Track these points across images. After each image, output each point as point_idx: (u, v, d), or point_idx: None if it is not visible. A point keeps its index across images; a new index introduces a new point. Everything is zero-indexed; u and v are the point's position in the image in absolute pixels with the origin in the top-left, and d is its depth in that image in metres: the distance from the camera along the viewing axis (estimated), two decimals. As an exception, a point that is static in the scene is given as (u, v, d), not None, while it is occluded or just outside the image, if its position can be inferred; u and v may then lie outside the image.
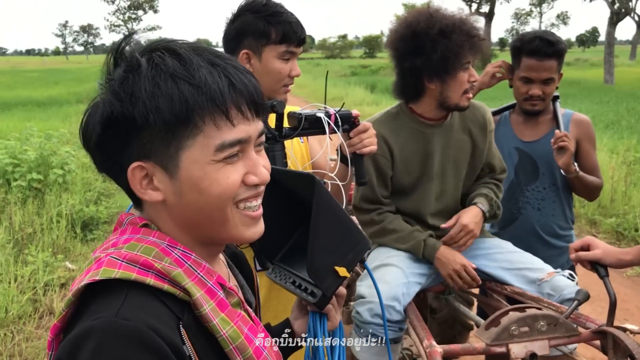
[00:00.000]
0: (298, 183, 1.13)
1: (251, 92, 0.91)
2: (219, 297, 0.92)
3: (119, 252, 0.88)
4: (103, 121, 0.88)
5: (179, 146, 0.87)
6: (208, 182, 0.89)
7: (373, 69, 39.60)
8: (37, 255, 4.76)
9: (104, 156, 0.92)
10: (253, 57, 1.84)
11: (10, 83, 28.25)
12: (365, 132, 1.73)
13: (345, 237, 1.07)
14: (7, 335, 3.85)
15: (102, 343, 0.78)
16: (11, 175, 6.22)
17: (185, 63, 0.88)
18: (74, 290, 0.84)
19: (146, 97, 0.85)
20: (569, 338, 1.70)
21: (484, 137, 2.31)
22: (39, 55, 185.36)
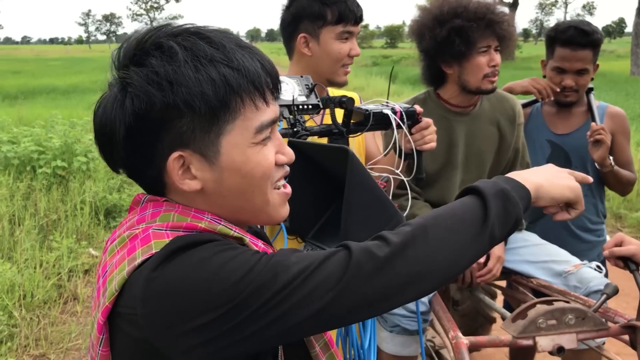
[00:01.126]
0: (332, 157, 1.13)
1: (275, 73, 0.94)
2: (260, 246, 0.94)
3: (158, 224, 0.88)
4: (138, 113, 0.86)
5: (219, 132, 0.87)
6: (251, 166, 0.90)
7: (394, 59, 39.34)
8: (62, 242, 4.83)
9: (130, 151, 0.90)
10: (311, 40, 1.84)
11: (34, 71, 28.61)
12: (426, 129, 1.73)
13: (379, 211, 1.06)
14: (33, 319, 3.92)
15: (181, 256, 0.81)
16: (36, 162, 6.30)
17: (218, 47, 0.88)
18: (129, 269, 0.83)
19: (190, 83, 0.84)
20: (597, 332, 1.67)
21: (512, 130, 2.28)
22: (62, 43, 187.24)
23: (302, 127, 1.49)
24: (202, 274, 0.79)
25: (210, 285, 0.78)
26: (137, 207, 0.96)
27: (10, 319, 3.80)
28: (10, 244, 4.80)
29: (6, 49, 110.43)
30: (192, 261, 0.80)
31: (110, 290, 0.83)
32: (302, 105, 1.50)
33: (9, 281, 4.05)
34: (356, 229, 1.04)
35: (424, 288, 0.88)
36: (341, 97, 1.56)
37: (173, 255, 0.80)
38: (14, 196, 5.65)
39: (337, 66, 1.87)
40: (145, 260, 0.82)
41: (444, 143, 2.22)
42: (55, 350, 3.67)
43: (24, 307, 3.97)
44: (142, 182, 0.96)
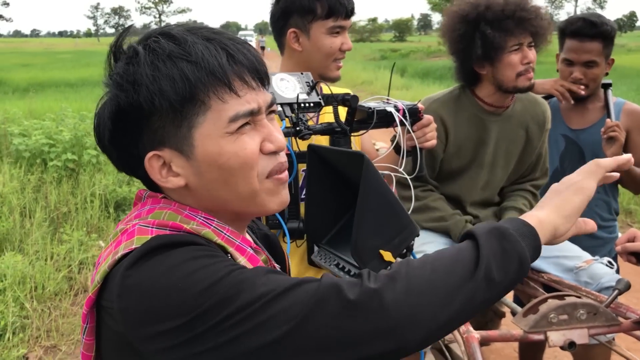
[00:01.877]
0: (347, 162, 1.11)
1: (252, 62, 0.91)
2: (248, 253, 0.94)
3: (147, 221, 0.89)
4: (112, 116, 0.90)
5: (190, 125, 0.88)
6: (226, 157, 0.89)
7: (403, 53, 39.24)
8: (72, 234, 4.86)
9: (119, 151, 0.94)
10: (301, 35, 1.81)
11: (44, 64, 28.71)
12: (428, 126, 1.71)
13: (392, 220, 1.04)
14: (45, 311, 3.95)
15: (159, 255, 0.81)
16: (47, 155, 6.34)
17: (180, 43, 0.88)
18: (110, 262, 0.84)
19: (148, 82, 0.86)
20: (609, 327, 1.67)
21: (539, 134, 2.27)
22: (71, 37, 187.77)
23: (304, 126, 1.47)
24: (171, 279, 0.78)
25: (176, 292, 0.78)
26: (139, 203, 0.98)
27: (21, 310, 3.84)
28: (21, 236, 4.84)
29: (15, 42, 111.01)
30: (164, 264, 0.80)
31: (94, 283, 0.85)
32: (304, 103, 1.47)
33: (20, 273, 4.08)
34: (367, 236, 1.03)
35: (401, 342, 0.78)
36: (344, 95, 1.53)
37: (149, 255, 0.81)
38: (25, 189, 5.69)
39: (329, 61, 1.84)
40: (125, 254, 0.84)
41: (472, 141, 2.21)
42: (66, 341, 3.70)
43: (35, 299, 4.00)
44: (139, 178, 0.98)
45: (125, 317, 0.80)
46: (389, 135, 1.81)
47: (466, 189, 2.27)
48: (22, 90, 16.72)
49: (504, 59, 2.08)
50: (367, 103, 1.62)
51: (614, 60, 2.52)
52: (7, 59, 34.59)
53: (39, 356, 3.52)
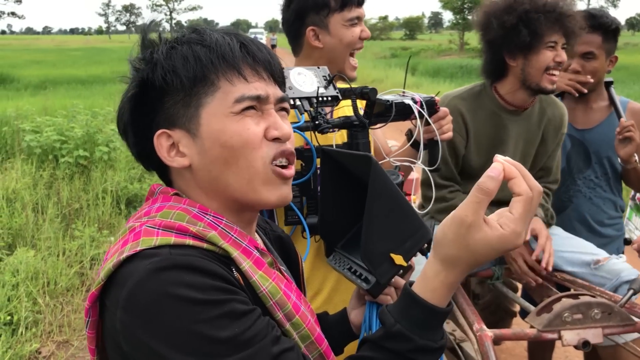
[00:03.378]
0: (357, 165, 1.10)
1: (265, 57, 0.96)
2: (254, 256, 0.94)
3: (154, 221, 0.90)
4: (130, 98, 0.96)
5: (198, 104, 0.92)
6: (229, 135, 0.91)
7: (414, 51, 39.14)
8: (84, 230, 4.89)
9: (136, 135, 0.98)
10: (320, 32, 1.81)
11: (55, 61, 28.88)
12: (444, 119, 1.71)
13: (403, 223, 1.01)
14: (57, 306, 3.98)
15: (165, 278, 0.80)
16: (59, 151, 6.38)
17: (199, 33, 0.96)
18: (115, 262, 0.85)
19: (163, 61, 0.92)
20: (623, 327, 1.66)
21: (554, 137, 2.27)
22: (83, 34, 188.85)
23: (323, 120, 1.47)
24: (175, 313, 0.79)
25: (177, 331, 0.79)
26: (151, 198, 0.99)
27: (34, 305, 3.87)
28: (34, 232, 4.88)
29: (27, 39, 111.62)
30: (172, 291, 0.80)
31: (98, 279, 0.86)
32: (322, 97, 1.47)
33: (33, 268, 4.12)
34: (377, 240, 1.01)
35: None
36: (363, 88, 1.53)
37: (158, 273, 0.81)
38: (37, 185, 5.73)
39: (348, 53, 1.84)
40: (130, 255, 0.84)
41: (491, 139, 2.21)
42: (78, 336, 3.72)
43: (48, 294, 4.03)
44: (152, 167, 1.02)
45: (123, 329, 0.82)
46: (401, 133, 1.80)
47: None
48: (34, 87, 16.84)
49: (539, 52, 2.07)
50: (384, 96, 1.62)
51: (617, 58, 2.49)
52: (19, 55, 34.84)
53: (52, 351, 3.54)
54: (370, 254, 1.02)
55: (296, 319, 0.94)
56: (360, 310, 1.21)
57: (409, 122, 1.71)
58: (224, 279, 0.84)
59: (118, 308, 0.82)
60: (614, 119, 2.47)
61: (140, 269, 0.82)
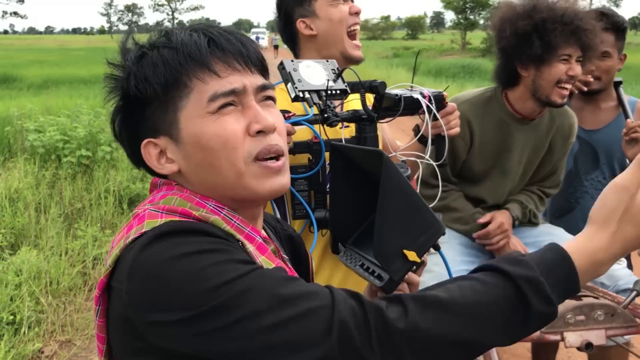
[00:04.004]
0: (368, 161, 1.09)
1: (236, 47, 0.93)
2: (257, 241, 0.94)
3: (157, 206, 0.91)
4: (115, 111, 0.97)
5: (175, 108, 0.91)
6: (207, 137, 0.89)
7: (415, 51, 39.04)
8: (87, 230, 4.89)
9: (130, 146, 0.98)
10: (310, 20, 1.79)
11: (58, 61, 28.88)
12: (452, 114, 1.70)
13: (416, 219, 1.00)
14: (59, 306, 3.99)
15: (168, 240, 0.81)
16: (61, 151, 6.39)
17: (168, 35, 0.94)
18: (122, 247, 0.85)
19: (135, 71, 0.91)
20: (627, 329, 1.66)
21: (562, 146, 2.25)
22: (85, 34, 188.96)
23: (332, 113, 1.46)
24: (181, 269, 0.78)
25: (186, 284, 0.78)
26: (155, 190, 1.00)
27: (37, 305, 3.87)
28: (36, 232, 4.88)
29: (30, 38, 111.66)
30: (176, 251, 0.79)
31: (106, 266, 0.87)
32: (331, 90, 1.46)
33: (35, 268, 4.12)
34: (390, 236, 1.00)
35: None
36: (372, 82, 1.53)
37: (161, 239, 0.81)
38: (40, 184, 5.74)
39: (344, 32, 1.79)
40: (136, 238, 0.85)
41: (496, 146, 2.19)
42: (80, 336, 3.73)
43: (50, 294, 4.04)
44: (149, 172, 1.00)
45: (131, 300, 0.81)
46: (403, 132, 1.79)
47: (488, 194, 2.25)
48: (37, 86, 16.85)
49: (551, 64, 2.03)
50: (392, 91, 1.61)
51: (626, 56, 2.49)
52: (22, 55, 34.88)
53: (54, 350, 3.55)
54: (383, 250, 1.01)
55: None
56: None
57: (412, 121, 1.71)
58: (225, 239, 0.85)
59: (124, 281, 0.82)
60: (623, 120, 2.45)
61: (142, 239, 0.83)
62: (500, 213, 2.20)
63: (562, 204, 2.50)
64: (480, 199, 2.27)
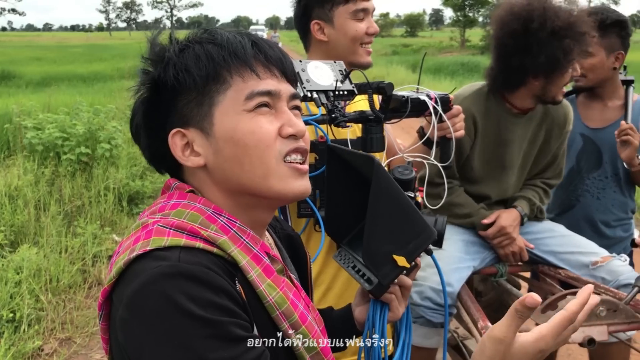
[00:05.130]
0: (362, 164, 1.09)
1: (277, 55, 0.97)
2: (264, 263, 0.94)
3: (167, 220, 0.90)
4: (144, 100, 0.97)
5: (211, 103, 0.93)
6: (242, 133, 0.92)
7: (414, 48, 39.10)
8: (86, 228, 4.89)
9: (149, 137, 0.98)
10: (325, 25, 1.80)
11: (56, 58, 28.85)
12: (457, 116, 1.70)
13: (406, 225, 1.01)
14: (59, 303, 3.99)
15: (169, 285, 0.80)
16: (61, 148, 6.37)
17: (211, 33, 0.97)
18: (126, 260, 0.85)
19: (175, 60, 0.93)
20: (629, 325, 1.66)
21: (558, 136, 2.25)
22: (83, 31, 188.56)
23: (340, 113, 1.47)
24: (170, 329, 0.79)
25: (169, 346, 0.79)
26: (167, 193, 0.99)
27: (37, 302, 3.87)
28: (36, 229, 4.88)
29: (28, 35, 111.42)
30: (172, 303, 0.80)
31: (110, 275, 0.87)
32: (338, 91, 1.47)
33: (35, 265, 4.12)
34: (379, 240, 1.00)
35: None
36: (379, 83, 1.53)
37: (163, 280, 0.81)
38: (39, 182, 5.73)
39: (356, 46, 1.81)
40: (140, 255, 0.85)
41: (496, 141, 2.19)
42: (80, 334, 3.73)
43: (50, 292, 4.04)
44: (165, 169, 1.02)
45: (121, 327, 0.83)
46: (404, 132, 1.79)
47: (491, 190, 2.25)
48: (35, 84, 16.83)
49: (565, 72, 2.04)
50: (398, 92, 1.62)
51: (623, 55, 2.43)
52: (20, 52, 34.83)
53: (54, 348, 3.55)
54: (372, 255, 1.02)
55: (302, 329, 0.94)
56: (364, 307, 1.21)
57: (415, 121, 1.71)
58: (227, 294, 0.84)
59: (121, 305, 0.83)
60: (630, 121, 2.45)
61: (147, 270, 0.82)
62: (506, 213, 2.20)
63: (563, 201, 2.49)
64: (484, 196, 2.26)
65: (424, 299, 2.01)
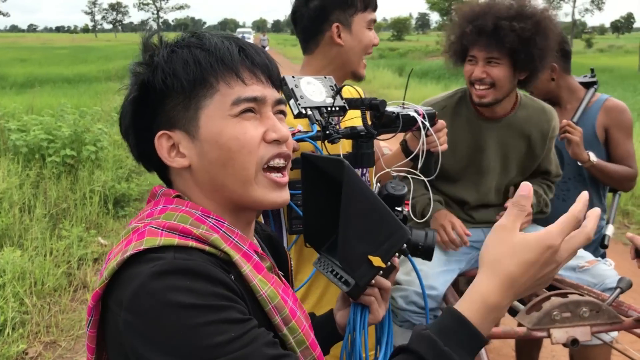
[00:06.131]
0: (333, 169, 1.10)
1: (264, 60, 0.99)
2: (254, 260, 0.96)
3: (158, 222, 0.91)
4: (132, 100, 0.98)
5: (197, 106, 0.94)
6: (226, 138, 0.93)
7: (401, 52, 39.25)
8: (72, 230, 4.86)
9: (137, 137, 1.00)
10: (343, 30, 1.80)
11: (41, 60, 28.60)
12: (441, 131, 1.73)
13: (380, 225, 1.02)
14: (44, 306, 3.95)
15: (168, 281, 0.82)
16: (46, 150, 6.32)
17: (199, 37, 0.99)
18: (119, 260, 0.86)
19: (164, 64, 0.95)
20: (611, 325, 1.69)
21: (542, 143, 2.25)
22: (69, 32, 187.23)
23: (334, 130, 1.48)
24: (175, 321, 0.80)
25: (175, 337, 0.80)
26: (153, 200, 1.01)
27: (21, 306, 3.83)
28: (20, 232, 4.84)
29: (12, 36, 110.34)
30: (173, 298, 0.81)
31: (102, 278, 0.88)
32: (330, 107, 1.49)
33: (19, 268, 4.08)
34: (354, 241, 1.02)
35: None
36: (372, 99, 1.55)
37: (161, 277, 0.82)
38: (24, 184, 5.68)
39: (362, 55, 1.85)
40: (134, 254, 0.85)
41: (469, 146, 2.22)
42: (65, 337, 3.70)
43: (35, 295, 4.00)
44: (153, 168, 1.04)
45: (126, 329, 0.83)
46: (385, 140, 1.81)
47: (466, 192, 2.27)
48: (20, 85, 16.66)
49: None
50: (388, 108, 1.64)
51: (556, 67, 2.48)
52: (4, 53, 34.46)
53: (39, 352, 3.52)
54: (348, 256, 1.03)
55: (292, 323, 0.95)
56: (345, 312, 1.22)
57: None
58: (224, 284, 0.86)
59: (122, 309, 0.83)
60: (585, 120, 2.50)
61: (143, 272, 0.83)
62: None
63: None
64: (462, 200, 2.28)
65: (409, 304, 2.02)
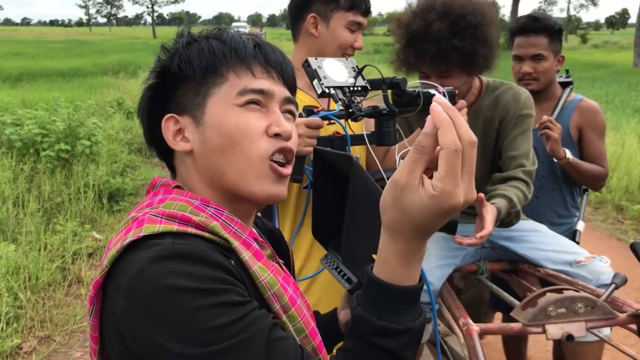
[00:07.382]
0: (342, 165, 1.10)
1: (278, 59, 1.02)
2: (254, 247, 0.96)
3: (157, 210, 0.92)
4: (149, 85, 1.03)
5: (206, 93, 0.98)
6: (229, 125, 0.96)
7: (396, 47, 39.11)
8: (66, 225, 4.84)
9: (150, 121, 1.04)
10: (320, 22, 1.84)
11: (34, 53, 28.40)
12: (461, 110, 1.74)
13: None
14: (38, 301, 3.95)
15: (166, 266, 0.82)
16: (40, 145, 6.28)
17: (221, 30, 1.04)
18: (119, 248, 0.86)
19: (181, 51, 1.00)
20: (606, 321, 1.69)
21: (512, 119, 2.17)
22: (63, 26, 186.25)
23: (356, 108, 1.51)
24: (175, 305, 0.80)
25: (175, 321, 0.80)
26: (152, 191, 1.02)
27: (15, 300, 3.83)
28: (14, 226, 4.82)
29: (6, 30, 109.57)
30: (172, 282, 0.80)
31: (102, 267, 0.88)
32: (353, 87, 1.52)
33: (14, 263, 4.07)
34: (358, 239, 1.01)
35: None
36: (392, 78, 1.58)
37: (160, 261, 0.82)
38: (18, 179, 5.66)
39: (339, 54, 1.88)
40: (133, 241, 0.86)
41: None
42: (60, 332, 3.70)
43: (29, 289, 3.99)
44: (159, 152, 1.07)
45: (124, 316, 0.83)
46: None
47: None
48: (14, 79, 16.56)
49: None
50: (409, 87, 1.65)
51: (564, 58, 2.60)
52: (-2, 47, 34.24)
53: (33, 346, 3.51)
54: (352, 254, 1.03)
55: (292, 311, 0.95)
56: (349, 311, 1.22)
57: None
58: (223, 268, 0.86)
59: (120, 295, 0.83)
60: (560, 119, 2.52)
61: (142, 257, 0.83)
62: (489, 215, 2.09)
63: None
64: None
65: None
